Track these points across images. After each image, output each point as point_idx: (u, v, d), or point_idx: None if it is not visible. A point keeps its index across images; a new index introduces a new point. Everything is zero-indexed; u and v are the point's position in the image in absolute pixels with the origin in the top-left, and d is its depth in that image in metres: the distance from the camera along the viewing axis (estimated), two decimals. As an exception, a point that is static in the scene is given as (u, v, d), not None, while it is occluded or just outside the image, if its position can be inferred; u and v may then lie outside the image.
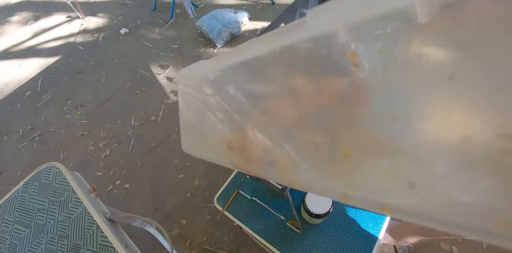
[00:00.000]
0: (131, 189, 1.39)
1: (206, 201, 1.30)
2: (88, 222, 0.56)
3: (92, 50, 2.27)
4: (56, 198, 0.62)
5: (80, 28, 2.55)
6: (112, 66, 2.09)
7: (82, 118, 1.77)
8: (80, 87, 1.98)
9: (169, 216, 1.28)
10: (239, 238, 1.18)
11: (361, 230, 0.79)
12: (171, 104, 1.73)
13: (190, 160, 1.45)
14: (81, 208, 0.58)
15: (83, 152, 1.59)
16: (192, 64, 0.25)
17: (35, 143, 1.70)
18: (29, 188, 0.65)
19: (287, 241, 0.81)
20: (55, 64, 2.22)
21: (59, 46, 2.40)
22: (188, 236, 1.22)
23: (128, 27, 2.41)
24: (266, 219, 0.85)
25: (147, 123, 1.66)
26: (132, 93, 1.85)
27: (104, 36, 2.40)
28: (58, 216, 0.59)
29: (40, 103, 1.94)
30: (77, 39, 2.43)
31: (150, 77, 1.94)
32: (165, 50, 2.12)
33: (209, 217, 1.25)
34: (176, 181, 1.39)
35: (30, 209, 0.62)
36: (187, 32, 2.23)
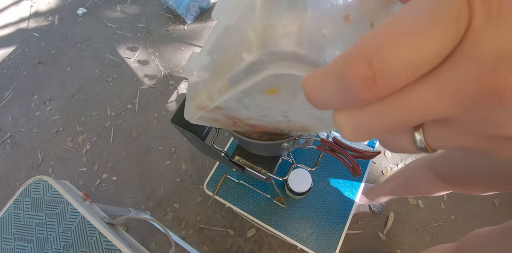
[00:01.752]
0: (119, 181, 1.41)
1: (195, 184, 1.36)
2: (90, 230, 0.59)
3: (49, 36, 2.08)
4: (52, 211, 0.63)
5: (30, 11, 2.29)
6: (75, 53, 1.94)
7: (53, 113, 1.69)
8: (44, 80, 1.85)
9: (161, 203, 1.33)
10: (231, 214, 1.26)
11: (340, 197, 0.88)
12: (146, 89, 1.68)
13: (175, 145, 1.47)
14: (80, 218, 0.61)
15: (62, 149, 1.55)
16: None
17: (8, 146, 1.63)
18: (21, 205, 0.66)
19: (275, 216, 0.89)
20: (10, 56, 2.02)
21: (10, 34, 2.17)
22: (183, 218, 1.29)
23: (86, 6, 2.20)
24: (254, 198, 0.92)
25: (124, 112, 1.62)
26: (103, 81, 1.77)
27: (59, 18, 2.19)
28: (58, 228, 0.61)
29: (3, 101, 1.81)
30: (30, 24, 2.20)
31: (119, 62, 1.84)
32: (131, 30, 1.98)
33: (200, 198, 1.32)
34: (163, 168, 1.42)
35: (28, 225, 0.63)
36: (152, 8, 2.07)
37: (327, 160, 0.93)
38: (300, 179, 0.76)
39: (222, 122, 0.37)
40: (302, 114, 0.31)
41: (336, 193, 0.89)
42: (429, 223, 1.17)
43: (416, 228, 1.16)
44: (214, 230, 1.24)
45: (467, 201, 1.19)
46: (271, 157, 0.65)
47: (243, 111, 0.30)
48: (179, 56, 1.79)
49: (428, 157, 0.76)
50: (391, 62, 0.09)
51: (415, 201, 1.21)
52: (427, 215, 1.18)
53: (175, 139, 1.48)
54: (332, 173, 0.91)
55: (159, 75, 1.73)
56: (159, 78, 1.72)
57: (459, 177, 0.63)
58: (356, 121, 0.11)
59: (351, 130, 0.12)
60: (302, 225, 0.86)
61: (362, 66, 0.09)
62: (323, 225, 0.85)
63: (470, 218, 1.16)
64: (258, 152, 0.63)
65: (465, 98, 0.09)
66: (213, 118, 0.35)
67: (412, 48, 0.09)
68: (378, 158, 1.31)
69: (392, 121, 0.10)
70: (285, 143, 0.47)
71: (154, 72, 1.75)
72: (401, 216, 1.19)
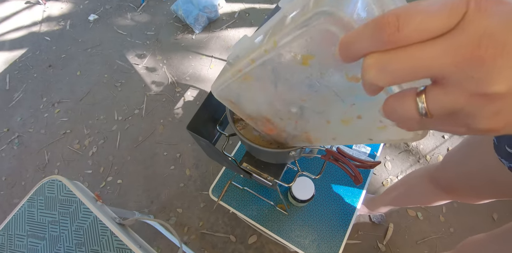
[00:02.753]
0: (124, 184, 1.43)
1: (199, 190, 1.38)
2: (102, 229, 0.61)
3: (60, 40, 2.14)
4: (65, 210, 0.65)
5: (43, 16, 2.36)
6: (85, 58, 2.00)
7: (61, 115, 1.73)
8: (54, 83, 1.90)
9: (165, 207, 1.35)
10: (233, 221, 1.27)
11: (341, 206, 0.91)
12: (153, 95, 1.72)
13: (180, 151, 1.49)
14: (92, 217, 0.63)
15: (68, 151, 1.58)
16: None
17: (15, 145, 1.65)
18: (35, 203, 0.68)
19: (278, 222, 0.91)
20: (21, 58, 2.08)
21: (22, 37, 2.23)
22: (186, 223, 1.30)
23: (97, 13, 2.27)
24: (258, 205, 0.94)
25: (131, 117, 1.65)
26: (111, 86, 1.81)
27: (71, 23, 2.25)
28: (71, 226, 0.63)
29: (12, 102, 1.85)
30: (42, 28, 2.26)
31: (128, 68, 1.89)
32: (141, 38, 2.04)
33: (203, 204, 1.33)
34: (167, 173, 1.44)
35: (41, 223, 0.65)
36: (161, 17, 2.14)
37: (329, 169, 0.96)
38: (304, 187, 0.78)
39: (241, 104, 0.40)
40: (317, 107, 0.34)
41: (338, 201, 0.91)
42: (428, 235, 1.18)
43: (415, 240, 1.18)
44: (216, 236, 1.25)
45: (466, 214, 1.21)
46: (277, 165, 0.68)
47: (268, 86, 0.33)
48: (187, 64, 1.84)
49: (427, 167, 0.79)
50: (412, 22, 0.13)
51: (414, 213, 1.22)
52: (426, 227, 1.20)
53: (180, 145, 1.51)
54: (335, 181, 0.94)
55: (167, 82, 1.77)
56: (166, 85, 1.76)
57: (458, 187, 0.65)
58: (381, 61, 0.15)
59: (376, 69, 0.15)
60: (304, 232, 0.87)
61: (392, 18, 0.13)
62: (325, 233, 0.87)
63: (468, 231, 1.18)
64: (266, 159, 0.65)
65: (459, 58, 0.13)
66: (237, 94, 0.38)
67: (428, 17, 0.13)
68: (378, 170, 1.34)
69: (407, 66, 0.14)
70: (293, 151, 0.50)
71: (162, 79, 1.79)
72: (400, 227, 1.20)
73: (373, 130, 0.32)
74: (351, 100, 0.30)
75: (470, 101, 0.14)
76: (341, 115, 0.33)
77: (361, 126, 0.33)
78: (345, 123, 0.34)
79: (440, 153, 1.35)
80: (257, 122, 0.46)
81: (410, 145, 1.39)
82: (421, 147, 1.38)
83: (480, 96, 0.13)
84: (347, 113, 0.32)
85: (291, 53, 0.26)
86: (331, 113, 0.34)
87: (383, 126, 0.30)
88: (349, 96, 0.29)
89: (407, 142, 1.33)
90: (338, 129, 0.36)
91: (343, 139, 0.38)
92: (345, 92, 0.29)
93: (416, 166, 1.33)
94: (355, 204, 0.90)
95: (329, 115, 0.35)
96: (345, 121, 0.33)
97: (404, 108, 0.16)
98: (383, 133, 0.31)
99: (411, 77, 0.15)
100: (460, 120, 0.15)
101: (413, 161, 1.35)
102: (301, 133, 0.43)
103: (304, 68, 0.27)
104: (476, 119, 0.14)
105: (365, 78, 0.16)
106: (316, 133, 0.41)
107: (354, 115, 0.32)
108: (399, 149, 1.38)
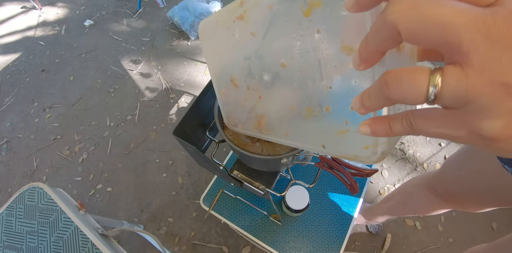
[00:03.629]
0: (114, 192, 1.39)
1: (191, 198, 1.34)
2: (82, 241, 0.57)
3: (55, 45, 2.12)
4: (45, 220, 0.62)
5: (38, 20, 2.35)
6: (79, 63, 1.97)
7: (52, 121, 1.69)
8: (46, 88, 1.86)
9: (156, 216, 1.30)
10: (226, 231, 1.23)
11: (337, 216, 0.87)
12: (147, 101, 1.70)
13: (172, 159, 1.46)
14: (73, 228, 0.59)
15: (58, 157, 1.53)
16: None
17: (3, 151, 1.61)
18: (13, 212, 0.64)
19: (271, 233, 0.87)
20: (14, 62, 2.05)
21: (16, 41, 2.21)
22: (177, 233, 1.26)
23: (93, 19, 2.26)
24: (250, 215, 0.91)
25: (123, 123, 1.62)
26: (105, 91, 1.78)
27: (66, 29, 2.24)
28: (50, 237, 0.59)
29: (3, 107, 1.81)
30: (36, 33, 2.25)
31: (122, 73, 1.87)
32: (136, 44, 2.03)
33: (195, 213, 1.29)
34: (159, 180, 1.40)
35: (19, 233, 0.62)
36: (157, 23, 2.14)
37: (324, 177, 0.93)
38: (298, 196, 0.75)
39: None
40: (292, 79, 0.30)
41: (334, 211, 0.88)
42: (426, 246, 1.15)
43: (414, 250, 1.14)
44: (208, 247, 1.21)
45: (464, 224, 1.18)
46: (269, 173, 0.65)
47: (259, 32, 0.30)
48: (181, 70, 1.82)
49: (425, 175, 0.77)
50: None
51: (412, 223, 1.19)
52: (425, 237, 1.16)
53: (173, 152, 1.48)
54: (330, 190, 0.91)
55: (161, 88, 1.75)
56: (160, 91, 1.73)
57: (457, 194, 0.63)
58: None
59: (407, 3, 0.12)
60: (299, 244, 0.84)
61: None
62: (320, 244, 0.83)
63: (468, 241, 1.15)
64: (257, 167, 0.63)
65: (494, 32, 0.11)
66: (221, 35, 0.35)
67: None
68: (375, 178, 1.31)
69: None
70: (284, 158, 0.48)
71: (156, 85, 1.77)
72: (398, 237, 1.17)
73: (331, 134, 0.28)
74: (330, 80, 0.26)
75: (490, 89, 0.11)
76: (309, 101, 0.29)
77: (322, 125, 0.29)
78: (308, 114, 0.30)
79: (437, 161, 1.33)
80: (220, 83, 0.42)
81: (407, 152, 1.37)
82: (418, 155, 1.36)
83: (504, 86, 0.11)
84: (317, 98, 0.28)
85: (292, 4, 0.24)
86: (301, 94, 0.30)
87: (344, 131, 0.26)
88: (331, 74, 0.26)
89: (363, 160, 1.32)
90: (296, 122, 0.32)
91: (294, 138, 0.34)
92: (329, 66, 0.25)
93: (413, 174, 1.31)
94: (352, 214, 0.87)
95: (297, 97, 0.31)
96: (309, 112, 0.30)
97: (410, 85, 0.13)
98: (341, 141, 0.27)
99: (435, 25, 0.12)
100: (464, 118, 0.13)
101: (410, 169, 1.33)
102: (256, 116, 0.39)
103: (303, 20, 0.25)
104: (485, 117, 0.12)
105: (386, 13, 0.13)
106: (271, 120, 0.37)
107: (323, 104, 0.28)
108: (396, 157, 1.36)
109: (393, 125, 0.16)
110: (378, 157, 0.23)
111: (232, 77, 0.38)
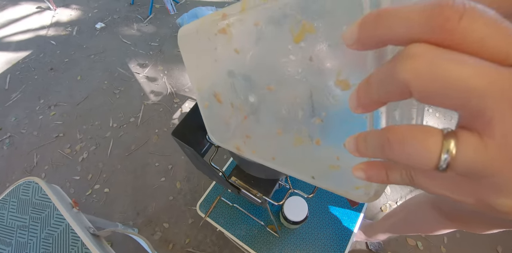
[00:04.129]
0: (111, 193, 1.37)
1: (188, 204, 1.31)
2: (72, 239, 0.56)
3: (66, 45, 2.16)
4: (37, 215, 0.60)
5: (51, 21, 2.40)
6: (87, 64, 2.00)
7: (56, 119, 1.70)
8: (53, 86, 1.89)
9: (151, 220, 1.28)
10: (222, 240, 1.20)
11: (336, 231, 0.84)
12: (151, 105, 1.70)
13: (172, 163, 1.45)
14: (64, 225, 0.58)
15: (58, 155, 1.53)
16: None
17: (5, 145, 1.61)
18: (7, 205, 0.63)
19: (268, 245, 0.85)
20: (24, 59, 2.09)
21: (29, 39, 2.25)
22: (171, 240, 1.23)
23: (105, 22, 2.31)
24: (247, 224, 0.88)
25: (126, 125, 1.62)
26: (110, 92, 1.80)
27: (78, 30, 2.28)
28: (41, 233, 0.58)
29: (9, 102, 1.83)
30: (49, 32, 2.29)
31: (128, 76, 1.88)
32: (144, 48, 2.06)
33: (191, 220, 1.27)
34: (157, 184, 1.38)
35: (10, 227, 0.60)
36: (167, 29, 2.17)
37: (324, 189, 0.91)
38: (296, 208, 0.73)
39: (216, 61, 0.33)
40: (279, 105, 0.27)
41: (333, 225, 0.85)
42: (427, 267, 1.11)
43: (413, 270, 1.10)
44: (201, 255, 1.18)
45: (468, 246, 1.14)
46: (268, 181, 0.64)
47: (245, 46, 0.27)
48: (187, 76, 1.83)
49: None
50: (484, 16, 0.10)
51: (414, 242, 1.16)
52: (425, 258, 1.13)
53: (173, 157, 1.47)
54: (330, 203, 0.89)
55: (165, 92, 1.76)
56: (165, 95, 1.74)
57: (463, 214, 0.60)
58: (432, 55, 0.11)
59: (423, 61, 0.11)
60: (295, 258, 0.81)
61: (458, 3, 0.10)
62: (318, 259, 0.80)
63: (470, 264, 1.11)
64: (256, 173, 0.61)
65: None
66: (202, 48, 0.32)
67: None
68: (377, 193, 1.28)
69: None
70: None
71: (161, 89, 1.78)
72: (398, 256, 1.13)
73: (322, 167, 0.25)
74: (322, 112, 0.23)
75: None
76: (298, 131, 0.26)
77: (312, 156, 0.26)
78: (297, 142, 0.27)
79: None
80: (203, 96, 0.38)
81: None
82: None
83: None
84: (306, 130, 0.26)
85: (292, 11, 0.20)
86: (289, 122, 0.27)
87: (336, 166, 0.24)
88: (323, 107, 0.23)
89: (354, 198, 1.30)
90: (285, 148, 0.29)
91: (281, 164, 0.31)
92: (322, 99, 0.23)
93: (416, 192, 1.28)
94: (351, 229, 0.84)
95: (285, 123, 0.28)
96: (298, 140, 0.27)
97: (419, 150, 0.11)
98: (332, 176, 0.25)
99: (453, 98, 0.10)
100: (477, 189, 0.12)
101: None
102: (240, 136, 0.35)
103: (294, 44, 0.22)
104: (503, 196, 0.11)
105: (398, 70, 0.11)
106: (257, 141, 0.33)
107: (313, 136, 0.25)
108: (399, 173, 1.33)
109: (391, 174, 0.15)
110: (371, 197, 0.22)
111: (216, 92, 0.35)
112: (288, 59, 0.23)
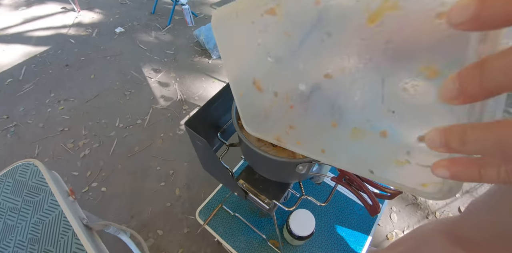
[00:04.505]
0: (107, 193, 1.34)
1: (185, 213, 1.28)
2: (64, 227, 0.54)
3: (84, 45, 2.22)
4: (30, 198, 0.59)
5: (74, 21, 2.48)
6: (102, 64, 2.04)
7: (64, 113, 1.70)
8: (66, 81, 1.91)
9: (145, 225, 1.24)
10: (216, 253, 1.16)
11: (342, 251, 0.80)
12: (159, 109, 1.71)
13: (174, 168, 1.43)
14: (57, 212, 0.56)
15: (60, 149, 1.51)
16: None
17: (9, 134, 1.60)
18: (1, 185, 0.62)
19: (267, 261, 0.81)
20: (42, 54, 2.13)
21: (49, 36, 2.32)
22: (163, 248, 1.18)
23: (124, 27, 2.39)
24: (247, 236, 0.85)
25: (132, 126, 1.62)
26: (121, 93, 1.82)
27: (98, 32, 2.35)
28: (31, 218, 0.56)
29: (21, 92, 1.84)
30: (70, 31, 2.36)
31: (141, 79, 1.91)
32: (160, 54, 2.11)
33: (187, 230, 1.23)
34: (156, 189, 1.36)
35: (0, 208, 0.59)
36: (183, 40, 2.24)
37: (333, 207, 0.88)
38: (303, 221, 0.69)
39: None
40: (340, 94, 0.24)
41: (339, 247, 0.80)
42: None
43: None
44: (193, 267, 1.13)
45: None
46: (278, 186, 0.61)
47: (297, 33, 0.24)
48: (198, 85, 1.87)
49: (443, 220, 0.71)
50: None
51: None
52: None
53: (175, 162, 1.45)
54: (337, 221, 0.85)
55: (175, 98, 1.78)
56: (174, 101, 1.76)
57: (482, 242, 0.55)
58: None
59: None
60: (297, 280, 0.77)
61: None
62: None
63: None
64: (266, 175, 0.58)
65: None
66: (242, 29, 0.28)
67: None
68: (383, 221, 1.25)
69: None
70: (300, 165, 0.43)
71: (171, 95, 1.80)
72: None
73: (386, 161, 0.22)
74: (394, 104, 0.20)
75: None
76: (361, 122, 0.23)
77: (373, 150, 0.23)
78: (355, 136, 0.24)
79: (451, 211, 1.27)
80: (239, 84, 0.35)
81: (418, 198, 1.32)
82: (430, 202, 1.31)
83: None
84: (371, 122, 0.22)
85: None
86: (349, 113, 0.24)
87: (404, 162, 0.21)
88: (397, 97, 0.19)
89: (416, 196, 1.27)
90: (339, 140, 0.26)
91: (334, 157, 0.28)
92: (395, 88, 0.19)
93: (424, 222, 1.25)
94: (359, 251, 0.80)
95: (342, 115, 0.24)
96: (357, 133, 0.24)
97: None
98: (396, 171, 0.22)
99: None
100: None
101: (421, 216, 1.26)
102: (284, 127, 0.32)
103: (366, 25, 0.18)
104: None
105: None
106: (304, 133, 0.30)
107: (378, 128, 0.22)
108: (407, 201, 1.31)
109: (486, 171, 0.12)
110: (445, 195, 0.19)
111: (255, 79, 0.32)
112: (358, 43, 0.19)
